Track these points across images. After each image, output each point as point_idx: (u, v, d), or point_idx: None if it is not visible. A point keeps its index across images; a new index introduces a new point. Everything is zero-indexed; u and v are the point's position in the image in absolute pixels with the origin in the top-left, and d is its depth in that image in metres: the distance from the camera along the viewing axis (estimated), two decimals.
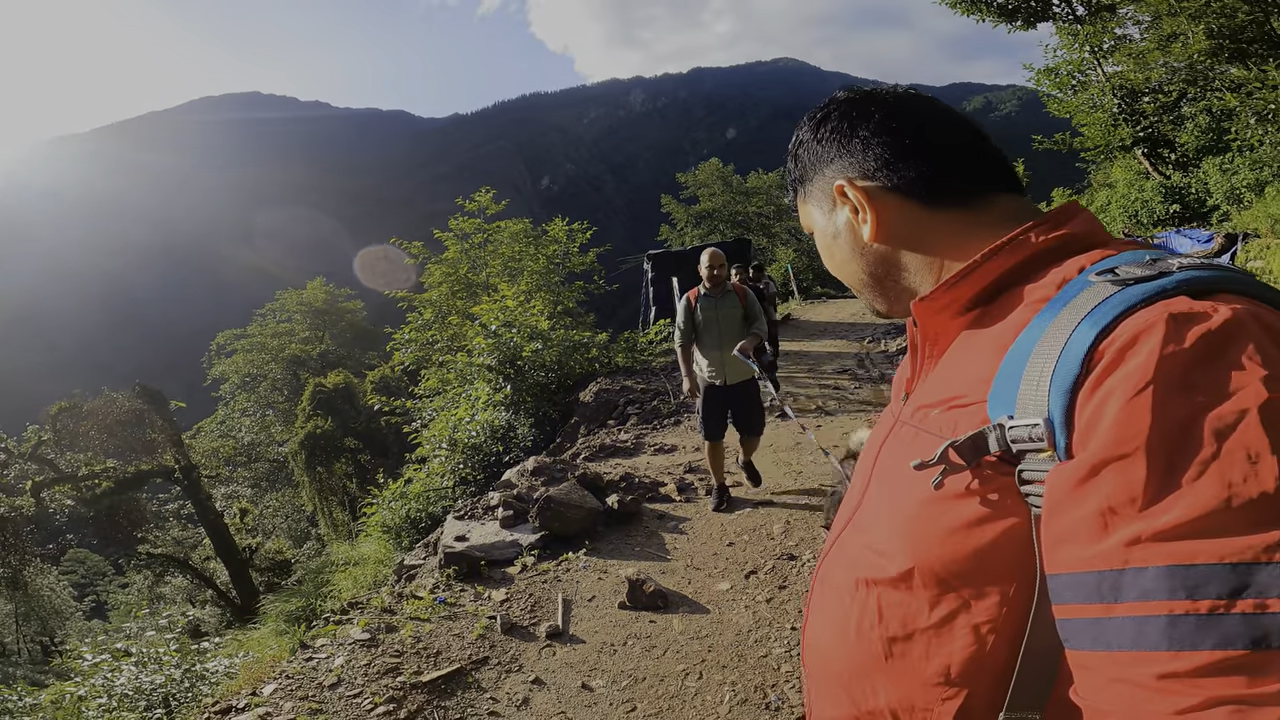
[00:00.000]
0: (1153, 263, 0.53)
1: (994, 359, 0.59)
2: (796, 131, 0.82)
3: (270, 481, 24.12)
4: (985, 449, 0.54)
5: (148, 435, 17.89)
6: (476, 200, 14.99)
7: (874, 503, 0.71)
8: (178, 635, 6.56)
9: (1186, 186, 13.16)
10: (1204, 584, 0.40)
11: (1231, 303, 0.47)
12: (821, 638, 0.75)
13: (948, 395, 0.63)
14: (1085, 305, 0.52)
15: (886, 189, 0.71)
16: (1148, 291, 0.49)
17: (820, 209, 0.79)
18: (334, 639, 3.64)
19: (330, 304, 28.57)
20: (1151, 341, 0.46)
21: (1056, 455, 0.50)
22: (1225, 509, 0.40)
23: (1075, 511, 0.46)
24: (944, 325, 0.69)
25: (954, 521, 0.56)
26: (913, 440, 0.65)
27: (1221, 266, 0.52)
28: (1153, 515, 0.42)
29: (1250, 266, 8.55)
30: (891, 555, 0.62)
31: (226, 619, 16.55)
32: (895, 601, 0.62)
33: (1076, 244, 0.63)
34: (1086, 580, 0.45)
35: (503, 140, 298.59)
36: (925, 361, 0.73)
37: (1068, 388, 0.49)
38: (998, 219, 0.68)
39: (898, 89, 0.77)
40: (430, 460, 9.18)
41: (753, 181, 29.06)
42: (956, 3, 17.35)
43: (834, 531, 0.79)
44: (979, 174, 0.71)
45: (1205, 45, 11.71)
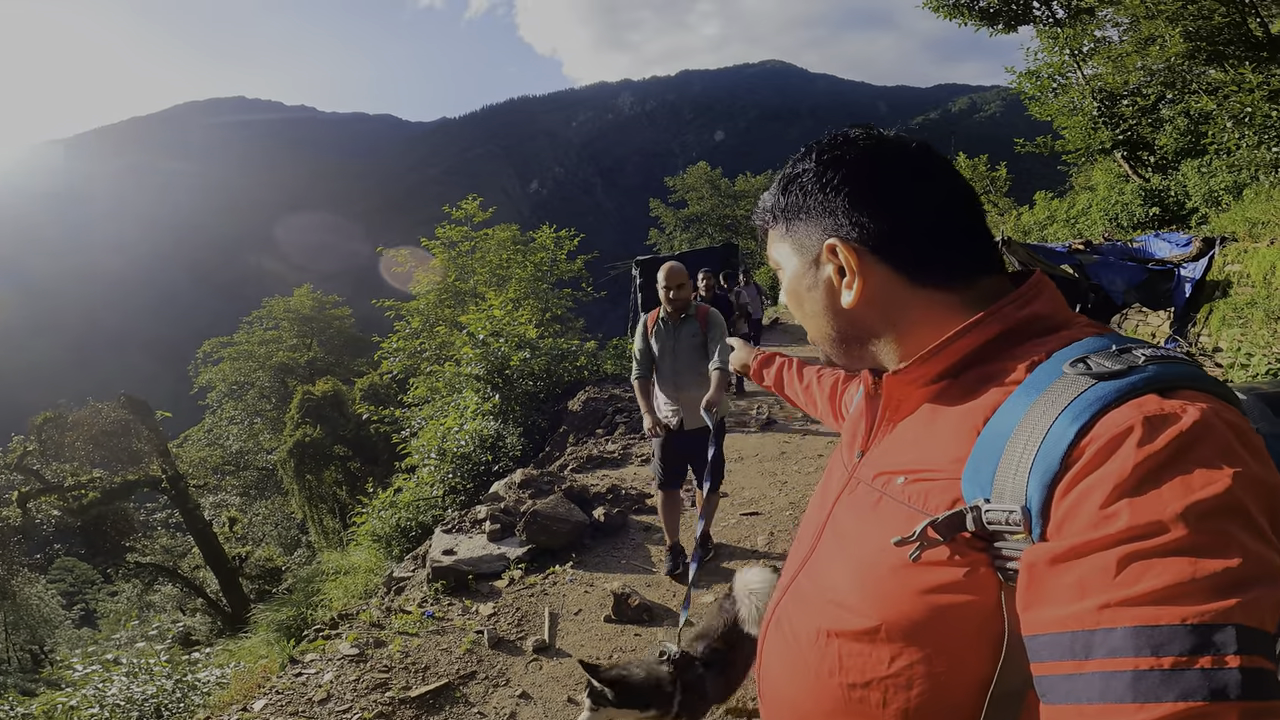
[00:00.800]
0: (1119, 354, 0.57)
1: (966, 439, 0.62)
2: (796, 161, 0.78)
3: (259, 489, 23.97)
4: (961, 527, 0.59)
5: (134, 445, 17.77)
6: (464, 208, 15.01)
7: (831, 556, 0.74)
8: (169, 645, 6.55)
9: (1166, 189, 13.28)
10: (1167, 643, 0.44)
11: (1196, 401, 0.52)
12: (779, 679, 0.78)
13: (915, 467, 0.67)
14: (1061, 397, 0.56)
15: (882, 259, 0.71)
16: (1120, 389, 0.54)
17: (800, 254, 0.77)
18: (323, 654, 3.67)
19: (318, 311, 28.43)
20: (1129, 444, 0.50)
21: (1031, 539, 0.55)
22: (1190, 580, 0.45)
23: (1052, 582, 0.51)
24: (908, 394, 0.72)
25: (926, 588, 0.61)
26: (876, 505, 0.69)
27: (1180, 359, 0.58)
28: (1124, 585, 0.47)
29: (1228, 270, 8.69)
30: (857, 611, 0.66)
31: (217, 627, 16.46)
32: (856, 652, 0.66)
33: (1042, 323, 0.67)
34: (1061, 640, 0.49)
35: (491, 144, 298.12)
36: (883, 424, 0.76)
37: (1047, 482, 0.53)
38: (974, 297, 0.70)
39: (914, 145, 0.74)
40: (420, 469, 9.19)
41: (741, 185, 29.27)
42: (939, 7, 17.49)
43: (787, 573, 0.82)
44: (970, 256, 0.71)
45: (1183, 48, 11.82)
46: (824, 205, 0.73)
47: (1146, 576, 0.46)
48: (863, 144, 0.74)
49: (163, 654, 5.73)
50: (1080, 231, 14.72)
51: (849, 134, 0.76)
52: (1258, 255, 8.19)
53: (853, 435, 0.83)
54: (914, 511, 0.64)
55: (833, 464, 0.88)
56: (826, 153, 0.75)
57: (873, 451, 0.76)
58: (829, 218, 0.73)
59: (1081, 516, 0.50)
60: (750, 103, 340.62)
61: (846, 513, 0.75)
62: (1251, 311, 7.84)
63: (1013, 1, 16.97)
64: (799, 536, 0.86)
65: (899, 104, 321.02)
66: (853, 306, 0.72)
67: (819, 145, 0.77)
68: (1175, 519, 0.47)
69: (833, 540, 0.75)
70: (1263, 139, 10.26)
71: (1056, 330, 0.66)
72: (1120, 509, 0.48)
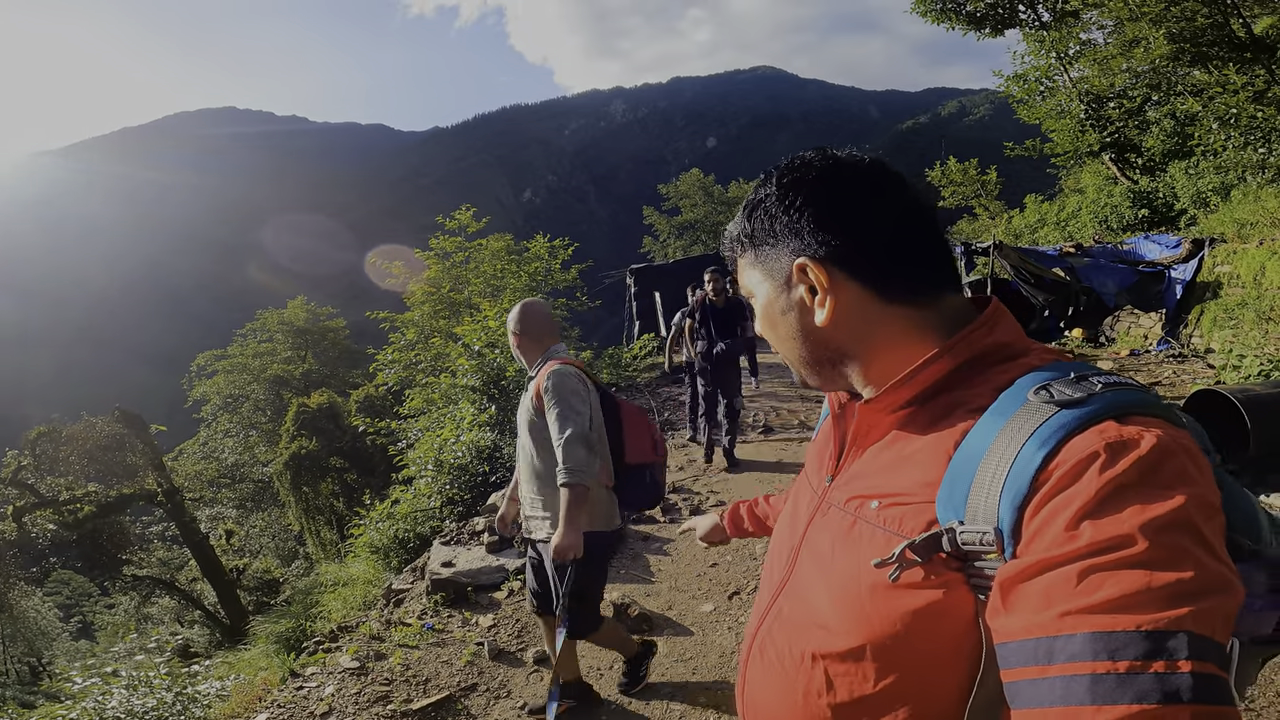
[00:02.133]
0: (1077, 381, 0.61)
1: (938, 464, 0.65)
2: (758, 188, 0.80)
3: (255, 502, 23.86)
4: (938, 548, 0.62)
5: (129, 459, 17.76)
6: (457, 218, 15.01)
7: (810, 580, 0.76)
8: (168, 658, 6.52)
9: (1154, 191, 13.36)
10: (1123, 648, 0.47)
11: (1151, 427, 0.56)
12: (765, 702, 0.80)
13: (888, 491, 0.69)
14: (1027, 424, 0.59)
15: (851, 276, 0.72)
16: (1081, 416, 0.57)
17: (771, 279, 0.78)
18: (324, 667, 3.68)
19: (312, 323, 28.33)
20: (1093, 468, 0.54)
21: (1003, 557, 0.58)
22: (1146, 590, 0.48)
23: (1020, 593, 0.54)
24: (878, 420, 0.74)
25: (906, 607, 0.63)
26: (851, 529, 0.72)
27: (1132, 385, 0.61)
28: (1084, 594, 0.50)
29: (1218, 271, 8.76)
30: (841, 633, 0.69)
31: (216, 638, 16.44)
32: (844, 672, 0.69)
33: (1004, 350, 0.70)
34: (1026, 646, 0.52)
35: (484, 153, 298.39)
36: (852, 448, 0.78)
37: (1018, 504, 0.57)
38: (940, 319, 0.72)
39: (870, 163, 0.76)
40: (417, 481, 9.17)
41: (734, 191, 29.39)
42: (928, 11, 17.66)
43: (764, 597, 0.84)
44: (934, 270, 0.74)
45: (1167, 50, 11.89)
46: (790, 227, 0.75)
47: (1105, 586, 0.49)
48: (819, 165, 0.75)
49: (162, 666, 5.70)
50: (1071, 234, 14.81)
51: (805, 157, 0.77)
52: (1247, 256, 8.26)
53: (820, 459, 0.85)
54: (890, 534, 0.66)
55: (799, 487, 0.90)
56: (786, 176, 0.76)
57: (842, 476, 0.78)
58: (796, 239, 0.74)
59: (1048, 534, 0.54)
60: (742, 109, 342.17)
61: (821, 536, 0.77)
62: (1242, 312, 7.90)
63: (999, 5, 17.15)
64: (770, 560, 0.88)
65: (889, 108, 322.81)
66: (825, 325, 0.74)
67: (778, 170, 0.78)
68: (1133, 534, 0.50)
69: (810, 563, 0.77)
70: (1249, 140, 10.36)
71: (1017, 357, 0.69)
72: (1084, 527, 0.52)
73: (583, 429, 2.37)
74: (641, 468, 2.58)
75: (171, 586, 18.88)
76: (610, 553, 2.81)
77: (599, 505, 2.51)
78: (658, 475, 2.63)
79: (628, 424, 2.58)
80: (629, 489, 2.58)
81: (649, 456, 2.58)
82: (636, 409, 2.67)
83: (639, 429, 2.60)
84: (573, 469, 2.31)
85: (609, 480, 2.54)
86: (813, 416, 7.70)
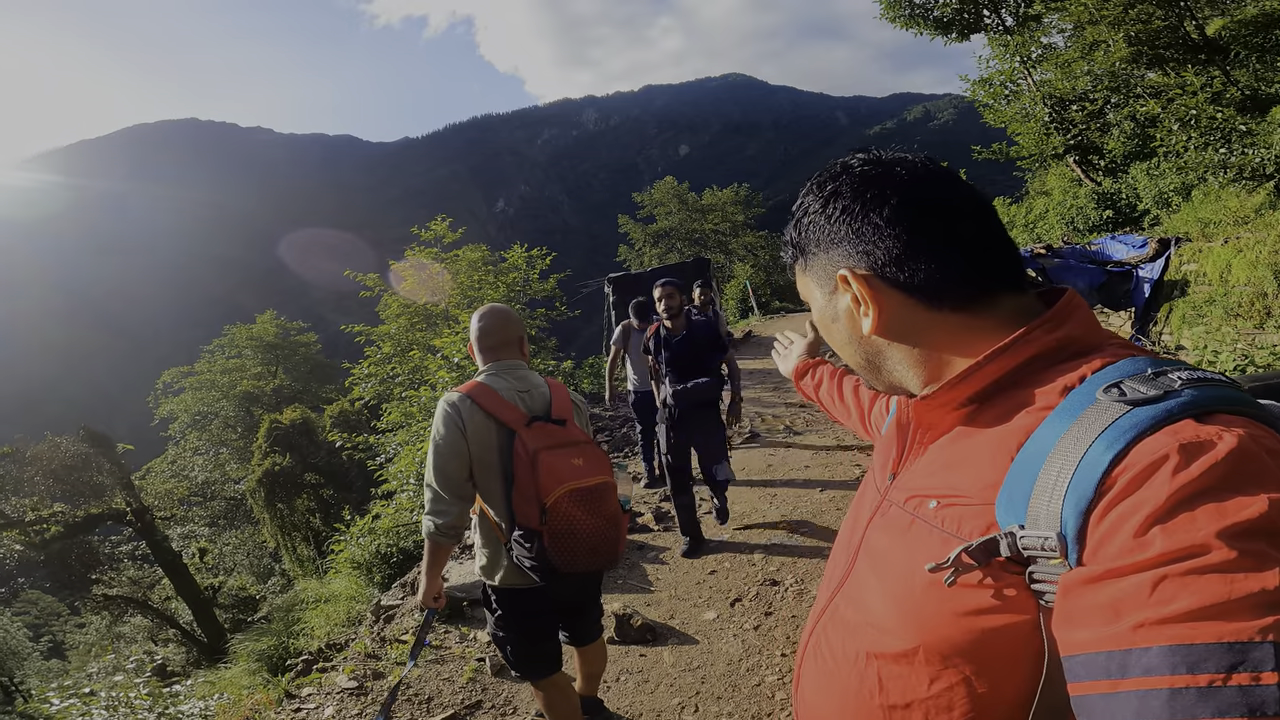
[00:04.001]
0: (1155, 378, 0.58)
1: (999, 465, 0.62)
2: (803, 196, 0.79)
3: (228, 519, 23.43)
4: (996, 552, 0.59)
5: (95, 478, 17.50)
6: (433, 229, 14.88)
7: (866, 579, 0.75)
8: (147, 678, 6.35)
9: (1117, 192, 13.67)
10: (1202, 660, 0.44)
11: (1233, 426, 0.52)
12: (818, 701, 0.79)
13: (947, 491, 0.67)
14: (1095, 424, 0.56)
15: (893, 285, 0.71)
16: (1155, 416, 0.54)
17: (821, 289, 0.78)
18: (320, 687, 3.59)
19: (282, 338, 27.85)
20: (1164, 472, 0.50)
21: (1068, 563, 0.55)
22: (1225, 601, 0.45)
23: (1089, 602, 0.51)
24: (938, 418, 0.72)
25: (963, 610, 0.61)
26: (909, 528, 0.70)
27: (1217, 380, 0.57)
28: (1158, 604, 0.47)
29: (1185, 270, 9.01)
30: (895, 633, 0.67)
31: (193, 657, 16.13)
32: (896, 674, 0.67)
33: (1074, 346, 0.66)
34: (1097, 660, 0.50)
35: (455, 163, 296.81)
36: (914, 446, 0.76)
37: (1083, 509, 0.54)
38: (998, 321, 0.70)
39: (915, 164, 0.73)
40: (398, 495, 9.03)
41: (708, 198, 29.54)
42: (896, 17, 17.97)
43: (823, 596, 0.83)
44: (987, 273, 0.70)
45: (1126, 52, 12.22)
46: (830, 237, 0.74)
47: (1181, 596, 0.46)
48: (859, 171, 0.74)
49: (142, 686, 5.55)
50: (1039, 236, 15.12)
51: (846, 162, 0.76)
52: (1213, 254, 8.51)
53: (885, 458, 0.83)
54: (947, 536, 0.64)
55: (865, 486, 0.89)
56: (828, 184, 0.75)
57: (904, 474, 0.76)
58: (836, 248, 0.74)
59: (1116, 542, 0.51)
60: (713, 116, 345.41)
61: (879, 535, 0.75)
62: (1210, 309, 8.13)
63: (965, 10, 17.51)
64: (832, 559, 0.87)
65: (857, 114, 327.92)
66: (872, 333, 0.73)
67: (819, 178, 0.77)
68: (1209, 542, 0.47)
69: (867, 563, 0.76)
70: (1209, 141, 10.64)
71: (1089, 353, 0.66)
72: (1155, 534, 0.49)
73: (434, 478, 2.12)
74: (528, 532, 2.07)
75: (144, 606, 18.57)
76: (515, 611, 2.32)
77: (489, 557, 2.29)
78: (551, 549, 2.05)
79: (516, 474, 2.09)
80: (516, 553, 2.13)
81: (530, 522, 2.06)
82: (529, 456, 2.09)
83: (524, 482, 2.07)
84: (425, 519, 2.13)
85: (503, 535, 2.18)
86: (798, 421, 7.73)
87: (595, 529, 2.10)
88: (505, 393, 2.22)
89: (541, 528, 2.05)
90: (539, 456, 2.08)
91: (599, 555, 2.13)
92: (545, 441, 2.13)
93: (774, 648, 3.32)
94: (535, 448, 2.09)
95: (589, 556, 2.10)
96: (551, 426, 2.18)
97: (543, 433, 2.15)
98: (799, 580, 3.97)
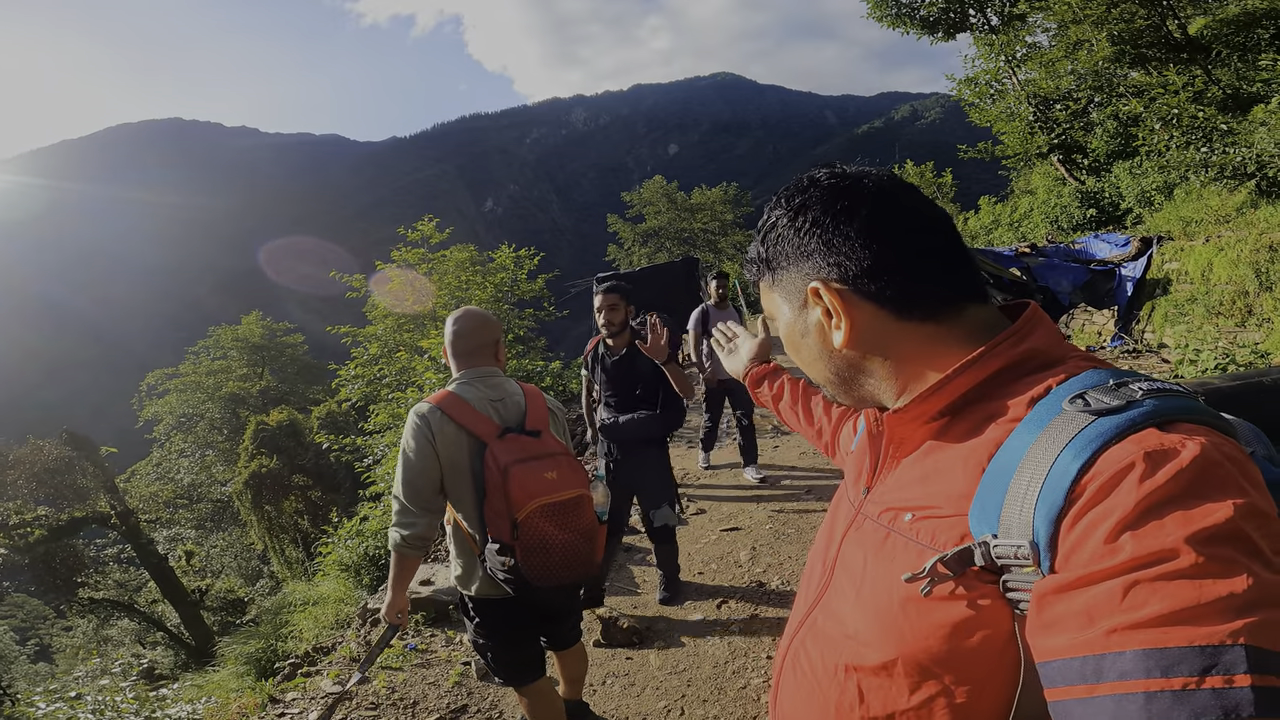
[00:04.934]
0: (1117, 388, 0.59)
1: (971, 476, 0.64)
2: (769, 211, 0.79)
3: (215, 522, 23.25)
4: (971, 562, 0.60)
5: (79, 481, 17.42)
6: (419, 229, 14.79)
7: (843, 592, 0.75)
8: (134, 681, 6.31)
9: (1100, 191, 13.80)
10: (1176, 664, 0.45)
11: (1195, 435, 0.54)
12: (797, 713, 0.79)
13: (921, 503, 0.68)
14: (1062, 434, 0.57)
15: (864, 296, 0.71)
16: (1119, 425, 0.55)
17: (789, 303, 0.79)
18: (305, 692, 3.56)
19: (268, 339, 27.63)
20: (1131, 479, 0.52)
21: (1040, 571, 0.56)
22: (1196, 605, 0.46)
23: (1062, 609, 0.52)
24: (910, 432, 0.73)
25: (940, 621, 0.62)
26: (884, 542, 0.70)
27: (1176, 390, 0.59)
28: (1131, 609, 0.48)
29: (1167, 268, 9.10)
30: (873, 646, 0.67)
31: (181, 660, 16.07)
32: (876, 686, 0.67)
33: (1039, 358, 0.68)
34: (1072, 665, 0.50)
35: (444, 163, 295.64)
36: (887, 460, 0.77)
37: (1053, 517, 0.55)
38: (966, 331, 0.71)
39: (881, 178, 0.75)
40: (386, 497, 8.99)
41: (697, 197, 29.59)
42: (883, 16, 18.08)
43: (799, 609, 0.83)
44: (953, 285, 0.72)
45: (1109, 51, 12.32)
46: (800, 250, 0.75)
47: (1152, 601, 0.47)
48: (827, 184, 0.75)
49: (128, 690, 5.50)
50: (1024, 235, 15.24)
51: (813, 176, 0.77)
52: (1194, 253, 8.58)
53: (858, 471, 0.84)
54: (922, 548, 0.65)
55: (838, 500, 0.89)
56: (796, 197, 0.76)
57: (878, 488, 0.77)
58: (807, 261, 0.74)
59: (1087, 549, 0.52)
60: (702, 115, 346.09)
61: (854, 549, 0.76)
62: (1192, 308, 8.21)
63: (951, 10, 17.63)
64: (807, 572, 0.87)
65: (845, 113, 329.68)
66: (844, 347, 0.73)
67: (787, 191, 0.78)
68: (1178, 547, 0.48)
69: (844, 577, 0.76)
70: (1190, 140, 10.75)
71: (1053, 365, 0.67)
72: (1125, 541, 0.50)
73: (401, 490, 2.08)
74: (501, 546, 2.02)
75: (131, 609, 18.49)
76: (492, 620, 2.26)
77: (464, 567, 2.23)
78: (524, 564, 2.00)
79: (488, 488, 2.04)
80: (489, 566, 2.08)
81: (502, 536, 2.02)
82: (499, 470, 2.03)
83: (494, 496, 2.03)
84: (392, 530, 2.08)
85: (476, 547, 2.13)
86: None
87: (568, 543, 2.06)
88: (477, 403, 2.15)
89: (514, 542, 2.00)
90: (510, 471, 2.02)
91: (573, 569, 2.09)
92: (517, 455, 2.06)
93: (760, 650, 3.33)
94: (506, 462, 2.03)
95: (563, 571, 2.06)
96: (525, 439, 2.12)
97: (515, 445, 2.09)
98: (785, 582, 3.97)
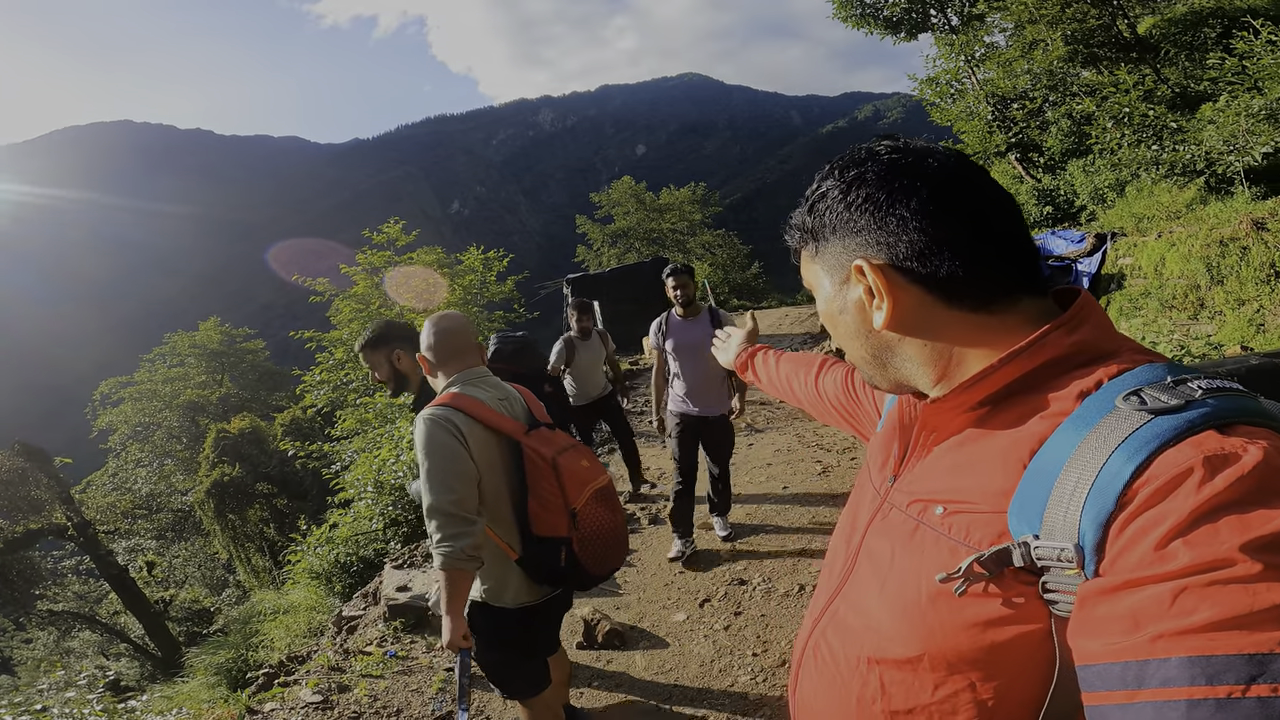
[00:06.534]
0: (1175, 386, 0.56)
1: (1011, 471, 0.61)
2: (820, 180, 0.75)
3: (176, 531, 22.66)
4: (1009, 562, 0.58)
5: (33, 493, 16.98)
6: (385, 231, 14.57)
7: (867, 583, 0.73)
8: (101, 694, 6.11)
9: (1056, 189, 14.14)
10: (1222, 672, 0.44)
11: (1256, 439, 0.51)
12: (818, 704, 0.78)
13: (954, 497, 0.66)
14: (1114, 433, 0.54)
15: (912, 279, 0.68)
16: (1177, 426, 0.52)
17: (831, 277, 0.75)
18: (283, 702, 3.49)
19: (227, 345, 26.91)
20: (1189, 486, 0.49)
21: (1084, 574, 0.54)
22: (1248, 612, 0.44)
23: (1106, 613, 0.51)
24: (948, 420, 0.70)
25: (971, 619, 0.60)
26: (913, 534, 0.68)
27: (1237, 390, 0.56)
28: (1178, 616, 0.46)
29: (1121, 264, 9.38)
30: (899, 640, 0.66)
31: (147, 671, 15.68)
32: (900, 680, 0.67)
33: (1091, 350, 0.64)
34: (1113, 670, 0.49)
35: (408, 165, 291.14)
36: (918, 448, 0.74)
37: (1102, 520, 0.53)
38: (1016, 322, 0.67)
39: (947, 159, 0.70)
40: (356, 503, 8.82)
41: (665, 198, 29.64)
42: (848, 16, 18.34)
43: (821, 597, 0.82)
44: (1009, 275, 0.68)
45: (1063, 51, 12.65)
46: (849, 224, 0.71)
47: (1202, 608, 0.46)
48: (886, 158, 0.70)
49: (95, 702, 5.33)
50: None
51: (872, 148, 0.73)
52: (1147, 248, 8.86)
53: (884, 456, 0.81)
54: (955, 544, 0.63)
55: (860, 484, 0.86)
56: (851, 169, 0.72)
57: (906, 476, 0.74)
58: (855, 237, 0.70)
59: (1136, 553, 0.50)
60: (670, 115, 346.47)
61: (880, 540, 0.74)
62: (1146, 301, 8.48)
63: (913, 10, 17.97)
64: (828, 560, 0.85)
65: (810, 113, 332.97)
66: (884, 328, 0.70)
67: (842, 161, 0.74)
68: (1233, 554, 0.46)
69: (868, 567, 0.74)
70: (1141, 137, 11.10)
71: (1105, 358, 0.63)
72: (1177, 547, 0.48)
73: (444, 499, 1.88)
74: (552, 542, 1.96)
75: (92, 620, 18.17)
76: (524, 629, 2.13)
77: (496, 578, 2.08)
78: (582, 555, 1.98)
79: (534, 484, 1.97)
80: (536, 567, 2.02)
81: (558, 530, 1.96)
82: (548, 463, 1.98)
83: (547, 491, 1.97)
84: (439, 548, 1.86)
85: (513, 551, 2.03)
86: (758, 418, 7.77)
87: (618, 525, 2.10)
88: (491, 403, 2.05)
89: (571, 534, 1.97)
90: (559, 463, 1.98)
91: (621, 552, 2.13)
92: (554, 446, 2.03)
93: (745, 648, 3.33)
94: (551, 454, 1.99)
95: (616, 555, 2.09)
96: (547, 431, 2.08)
97: (545, 439, 2.04)
98: (766, 579, 3.99)
